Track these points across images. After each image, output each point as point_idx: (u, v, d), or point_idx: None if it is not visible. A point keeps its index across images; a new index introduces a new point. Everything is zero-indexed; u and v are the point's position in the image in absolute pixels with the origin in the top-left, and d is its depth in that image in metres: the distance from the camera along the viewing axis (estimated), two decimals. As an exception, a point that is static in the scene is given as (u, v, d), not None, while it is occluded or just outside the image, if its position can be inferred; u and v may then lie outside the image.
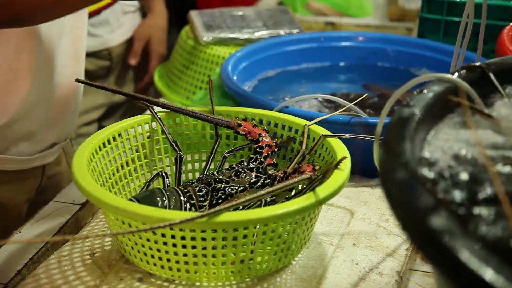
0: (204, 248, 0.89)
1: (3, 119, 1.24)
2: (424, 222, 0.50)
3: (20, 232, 1.16)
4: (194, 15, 1.79)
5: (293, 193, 0.97)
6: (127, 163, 1.10)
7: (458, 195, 0.60)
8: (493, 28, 1.43)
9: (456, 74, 0.82)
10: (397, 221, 0.55)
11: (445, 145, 0.72)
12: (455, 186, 0.61)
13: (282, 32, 1.72)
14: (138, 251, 0.93)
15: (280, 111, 1.21)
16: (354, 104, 1.23)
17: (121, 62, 2.21)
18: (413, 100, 0.75)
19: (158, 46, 2.19)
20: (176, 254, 0.89)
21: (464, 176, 0.63)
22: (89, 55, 1.86)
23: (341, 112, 1.19)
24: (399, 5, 2.20)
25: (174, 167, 1.10)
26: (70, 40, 1.39)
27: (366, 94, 1.32)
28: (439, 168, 0.65)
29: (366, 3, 2.26)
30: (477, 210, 0.57)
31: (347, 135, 1.05)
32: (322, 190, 0.89)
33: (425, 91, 0.77)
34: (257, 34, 1.69)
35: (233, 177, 1.02)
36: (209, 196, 0.99)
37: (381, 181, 0.59)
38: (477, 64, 0.85)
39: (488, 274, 0.43)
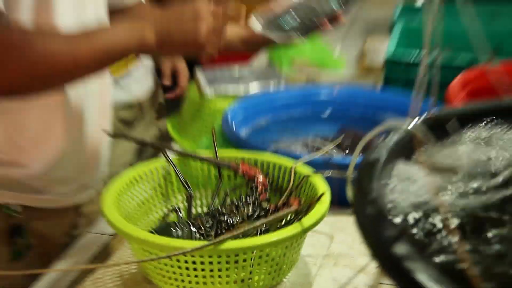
0: (211, 270, 0.90)
1: (40, 166, 1.23)
2: (388, 250, 0.53)
3: (61, 260, 1.17)
4: (199, 72, 1.80)
5: (283, 223, 0.98)
6: (147, 199, 1.11)
7: (416, 227, 0.62)
8: (444, 85, 1.42)
9: (412, 123, 0.83)
10: (367, 248, 0.57)
11: (404, 184, 0.73)
12: (414, 219, 0.63)
13: (270, 84, 1.72)
14: (157, 274, 0.95)
15: (272, 154, 1.22)
16: (333, 146, 1.26)
17: (149, 108, 2.21)
18: (378, 147, 0.78)
19: (183, 68, 2.16)
20: (188, 275, 0.91)
21: (420, 212, 0.65)
22: (121, 105, 1.86)
23: (321, 152, 1.20)
24: (366, 61, 2.21)
25: (185, 202, 1.11)
26: (97, 98, 1.38)
27: (341, 137, 1.33)
28: (401, 208, 0.66)
29: (339, 58, 2.28)
30: (431, 239, 0.59)
31: (326, 173, 1.06)
32: (307, 220, 0.91)
33: (388, 139, 0.80)
34: (251, 87, 1.70)
35: (234, 211, 1.03)
36: (214, 227, 1.01)
37: (354, 214, 0.61)
38: (427, 115, 0.90)
39: None
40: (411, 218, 0.65)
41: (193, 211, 1.11)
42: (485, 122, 0.92)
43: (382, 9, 2.89)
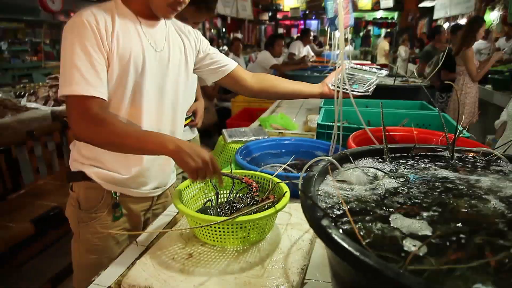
0: (228, 232, 0.91)
1: (131, 174, 1.20)
2: (319, 223, 0.55)
3: (151, 224, 1.17)
4: (224, 131, 1.77)
5: (265, 207, 0.96)
6: (196, 194, 1.11)
7: (333, 211, 0.63)
8: (346, 137, 1.44)
9: (330, 157, 0.84)
10: (307, 221, 0.58)
11: (327, 188, 0.73)
12: (331, 207, 0.65)
13: (260, 137, 1.68)
14: (201, 234, 0.96)
15: (260, 171, 1.20)
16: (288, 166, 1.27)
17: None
18: (313, 168, 0.78)
19: (200, 110, 1.98)
20: (216, 234, 0.92)
21: (333, 201, 0.67)
22: None
23: (282, 170, 1.18)
24: (308, 124, 2.20)
25: (215, 196, 1.09)
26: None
27: (296, 162, 1.32)
28: (324, 200, 0.68)
29: (295, 124, 2.29)
30: (341, 219, 0.60)
31: (286, 181, 1.06)
32: (278, 206, 0.94)
33: (318, 164, 0.79)
34: (250, 138, 1.65)
35: (240, 201, 1.03)
36: (230, 210, 1.01)
37: (301, 204, 0.62)
38: (339, 153, 0.90)
39: (345, 243, 0.48)
40: (329, 205, 0.66)
41: (219, 200, 1.10)
42: (364, 157, 0.92)
43: (314, 99, 2.96)
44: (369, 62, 5.92)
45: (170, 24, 1.25)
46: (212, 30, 9.40)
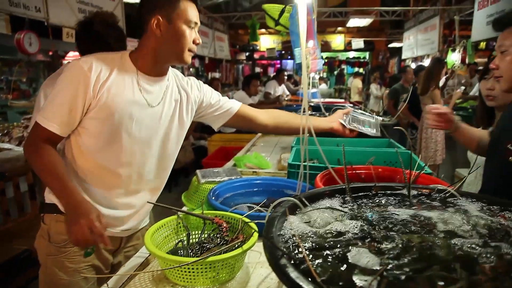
0: (198, 272, 0.92)
1: (111, 213, 1.25)
2: (278, 262, 0.59)
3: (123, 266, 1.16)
4: (198, 171, 1.74)
5: (235, 247, 0.96)
6: (168, 235, 1.10)
7: (293, 251, 0.66)
8: (313, 176, 1.41)
9: (296, 197, 0.89)
10: (267, 261, 0.62)
11: (290, 227, 0.77)
12: (295, 247, 0.68)
13: (233, 177, 1.66)
14: (171, 274, 0.96)
15: (231, 212, 1.19)
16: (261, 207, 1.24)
17: None
18: (277, 207, 0.82)
19: None
20: (186, 274, 0.92)
21: (293, 242, 0.70)
22: None
23: (253, 211, 1.16)
24: (281, 163, 2.20)
25: (186, 237, 1.10)
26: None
27: (265, 201, 1.31)
28: (285, 239, 0.72)
29: (269, 163, 2.31)
30: (298, 257, 0.63)
31: (255, 221, 1.06)
32: (246, 246, 0.95)
33: (282, 204, 0.84)
34: (223, 179, 1.64)
35: (210, 241, 1.04)
36: (200, 250, 1.02)
37: (263, 243, 0.66)
38: (305, 193, 0.94)
39: (300, 280, 0.53)
40: (290, 245, 0.69)
41: (190, 241, 1.11)
42: (327, 197, 0.96)
43: (288, 138, 3.03)
44: (342, 100, 6.13)
45: (172, 79, 1.33)
46: (191, 69, 9.58)
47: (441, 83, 5.59)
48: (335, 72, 14.81)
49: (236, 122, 1.50)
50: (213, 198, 1.41)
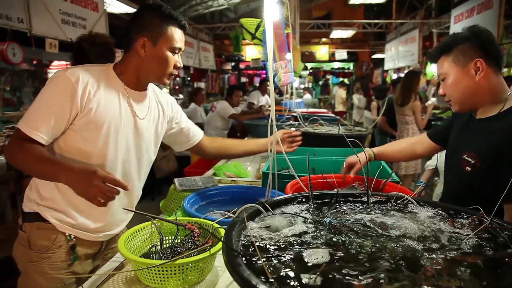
0: (168, 274, 0.96)
1: (98, 221, 1.29)
2: (232, 261, 0.64)
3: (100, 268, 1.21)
4: (175, 180, 1.75)
5: (205, 251, 0.99)
6: (142, 240, 1.13)
7: (247, 252, 0.71)
8: (284, 184, 1.49)
9: (261, 204, 0.94)
10: (224, 262, 0.66)
11: (250, 231, 0.81)
12: (246, 248, 0.73)
13: (209, 185, 1.69)
14: (143, 276, 0.99)
15: (203, 218, 1.25)
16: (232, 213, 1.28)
17: None
18: (239, 214, 0.86)
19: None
20: (157, 276, 0.96)
21: (250, 244, 0.75)
22: None
23: (224, 217, 1.23)
24: (259, 172, 2.22)
25: (159, 242, 1.13)
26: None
27: (235, 210, 1.30)
28: (243, 242, 0.76)
29: (248, 172, 2.36)
30: (253, 259, 0.67)
31: (223, 227, 1.06)
32: (213, 249, 0.99)
33: (244, 210, 0.89)
34: (199, 186, 1.67)
35: (182, 246, 1.07)
36: (171, 253, 1.04)
37: (223, 247, 0.69)
38: (266, 199, 0.98)
39: (254, 281, 0.56)
40: (248, 248, 0.73)
41: (164, 245, 1.13)
42: (291, 204, 1.01)
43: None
44: (325, 110, 6.22)
45: (151, 92, 1.38)
46: (177, 79, 9.59)
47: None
48: (320, 82, 14.98)
49: (191, 149, 1.58)
50: (188, 205, 1.45)
